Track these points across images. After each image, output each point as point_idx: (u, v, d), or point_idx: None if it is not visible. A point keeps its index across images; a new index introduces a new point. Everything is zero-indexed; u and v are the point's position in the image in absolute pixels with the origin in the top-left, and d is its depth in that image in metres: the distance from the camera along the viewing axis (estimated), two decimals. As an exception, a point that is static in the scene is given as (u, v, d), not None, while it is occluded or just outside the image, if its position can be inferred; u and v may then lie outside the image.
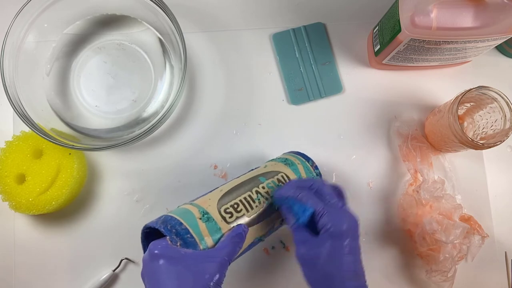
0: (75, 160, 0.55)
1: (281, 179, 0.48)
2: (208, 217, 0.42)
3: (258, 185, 0.47)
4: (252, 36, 0.63)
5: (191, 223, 0.41)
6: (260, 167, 0.50)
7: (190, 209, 0.43)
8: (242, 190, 0.46)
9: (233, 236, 0.41)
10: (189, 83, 0.62)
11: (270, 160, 0.53)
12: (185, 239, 0.40)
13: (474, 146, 0.51)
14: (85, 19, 0.61)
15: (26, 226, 0.58)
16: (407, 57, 0.55)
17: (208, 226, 0.41)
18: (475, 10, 0.47)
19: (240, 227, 0.42)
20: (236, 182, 0.47)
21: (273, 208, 0.46)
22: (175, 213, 0.42)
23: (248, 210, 0.44)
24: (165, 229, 0.40)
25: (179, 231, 0.40)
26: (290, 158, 0.51)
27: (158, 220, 0.41)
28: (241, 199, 0.45)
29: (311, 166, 0.51)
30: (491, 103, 0.52)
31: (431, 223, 0.53)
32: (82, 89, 0.61)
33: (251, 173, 0.49)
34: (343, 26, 0.63)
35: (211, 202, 0.44)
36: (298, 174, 0.49)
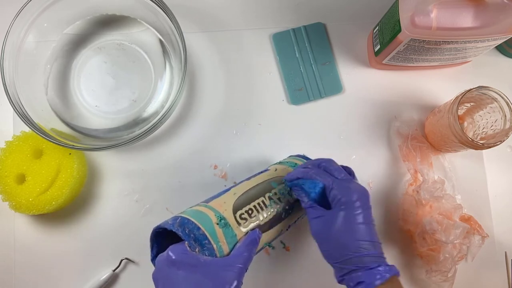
0: (75, 160, 0.55)
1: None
2: (225, 222, 0.41)
3: (271, 190, 0.46)
4: (252, 36, 0.63)
5: (208, 228, 0.40)
6: (270, 170, 0.50)
7: (207, 213, 0.42)
8: (255, 194, 0.45)
9: (249, 242, 0.41)
10: (189, 83, 0.62)
11: (278, 162, 0.53)
12: (203, 245, 0.39)
13: (474, 146, 0.51)
14: (85, 19, 0.61)
15: (26, 226, 0.58)
16: (407, 57, 0.55)
17: (225, 232, 0.41)
18: (475, 10, 0.47)
19: (255, 233, 0.42)
20: (249, 186, 0.47)
21: (283, 214, 0.46)
22: (191, 216, 0.41)
23: (261, 216, 0.44)
24: (183, 233, 0.39)
25: (197, 236, 0.39)
26: (299, 164, 0.51)
27: (174, 222, 0.40)
28: (255, 204, 0.44)
29: None
30: (491, 103, 0.52)
31: (431, 223, 0.53)
32: (82, 89, 0.61)
33: (262, 176, 0.49)
34: (343, 26, 0.63)
35: (227, 206, 0.43)
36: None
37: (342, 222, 0.41)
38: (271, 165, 0.52)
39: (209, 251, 0.39)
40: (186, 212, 0.43)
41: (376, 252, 0.41)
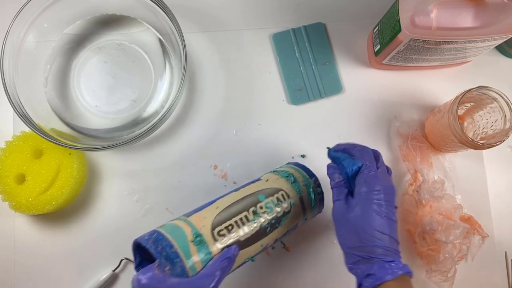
0: (75, 160, 0.55)
1: (281, 198, 0.46)
2: (200, 240, 0.40)
3: (256, 204, 0.45)
4: (252, 36, 0.63)
5: (182, 245, 0.39)
6: (261, 180, 0.49)
7: (183, 228, 0.41)
8: (239, 208, 0.44)
9: (222, 261, 0.40)
10: (189, 83, 0.62)
11: (272, 171, 0.51)
12: (174, 263, 0.38)
13: (474, 146, 0.51)
14: (85, 19, 0.61)
15: (26, 226, 0.58)
16: (407, 57, 0.55)
17: (199, 249, 0.40)
18: (475, 10, 0.47)
19: (230, 251, 0.41)
20: (234, 198, 0.45)
21: (267, 228, 0.45)
22: (167, 231, 0.41)
23: (242, 232, 0.43)
24: (155, 251, 0.39)
25: (169, 254, 0.38)
26: (294, 174, 0.49)
27: (150, 238, 0.40)
28: (237, 220, 0.43)
29: (314, 184, 0.49)
30: (491, 103, 0.52)
31: (431, 223, 0.53)
32: (82, 89, 0.61)
33: (250, 187, 0.47)
34: (343, 26, 0.63)
35: (206, 222, 0.42)
36: (299, 193, 0.48)
37: (362, 208, 0.40)
38: (264, 174, 0.51)
39: (180, 269, 0.38)
40: (165, 226, 0.42)
41: (392, 247, 0.40)
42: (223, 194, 0.47)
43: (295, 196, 0.47)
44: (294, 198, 0.47)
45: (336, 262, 0.57)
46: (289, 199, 0.47)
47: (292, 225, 0.48)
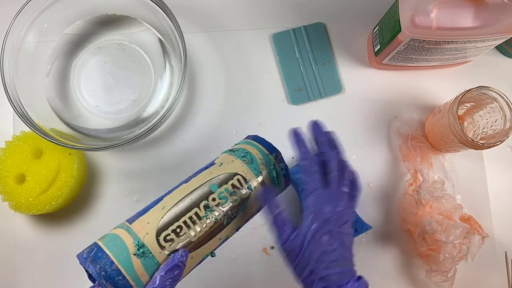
0: (75, 160, 0.55)
1: (237, 184, 0.41)
2: (144, 251, 0.36)
3: (208, 197, 0.40)
4: (252, 36, 0.63)
5: (124, 261, 0.35)
6: (214, 165, 0.43)
7: (125, 240, 0.37)
8: (187, 205, 0.39)
9: (168, 270, 0.36)
10: (189, 83, 0.62)
11: (228, 150, 0.46)
12: (116, 283, 0.35)
13: (474, 146, 0.51)
14: (85, 19, 0.61)
15: (26, 226, 0.58)
16: (407, 57, 0.55)
17: (144, 263, 0.36)
18: (475, 10, 0.47)
19: (176, 258, 0.36)
20: (182, 193, 0.40)
21: (224, 221, 0.40)
22: (107, 244, 0.37)
23: (194, 233, 0.38)
24: (94, 271, 0.35)
25: (109, 274, 0.35)
26: (251, 152, 0.44)
27: (88, 256, 0.36)
28: (186, 219, 0.38)
29: (275, 160, 0.45)
30: (491, 103, 0.52)
31: (431, 223, 0.53)
32: (82, 89, 0.61)
33: (201, 176, 0.42)
34: (343, 26, 0.63)
35: (150, 228, 0.38)
36: (258, 173, 0.43)
37: (312, 240, 0.39)
38: (221, 154, 0.46)
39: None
40: (106, 238, 0.38)
41: (346, 268, 0.39)
42: (172, 188, 0.42)
43: (253, 178, 0.42)
44: (253, 180, 0.42)
45: (336, 262, 0.57)
46: (247, 183, 0.42)
47: (255, 209, 0.44)
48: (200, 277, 0.56)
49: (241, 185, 0.41)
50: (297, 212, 0.58)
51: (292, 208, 0.58)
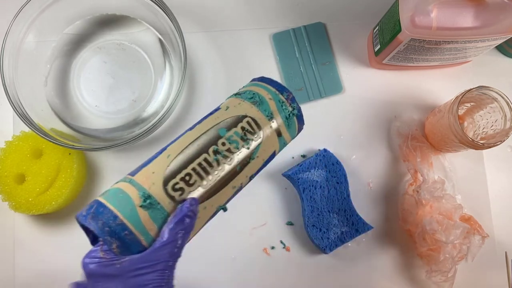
0: (75, 160, 0.55)
1: (247, 127, 0.38)
2: (151, 202, 0.33)
3: (217, 141, 0.37)
4: (252, 36, 0.63)
5: (129, 214, 0.32)
6: (220, 109, 0.40)
7: (128, 192, 0.34)
8: (195, 151, 0.36)
9: (177, 222, 0.33)
10: (189, 83, 0.62)
11: (233, 94, 0.43)
12: (123, 238, 0.32)
13: (474, 146, 0.51)
14: (85, 19, 0.61)
15: (26, 226, 0.58)
16: (407, 57, 0.55)
17: (152, 215, 0.33)
18: (475, 10, 0.47)
19: (185, 207, 0.33)
20: (187, 140, 0.37)
21: (237, 167, 0.37)
22: (109, 199, 0.34)
23: (204, 180, 0.35)
24: (96, 228, 0.32)
25: (114, 229, 0.32)
26: (259, 92, 0.41)
27: (88, 213, 0.33)
28: (195, 166, 0.35)
29: (286, 100, 0.41)
30: (491, 103, 0.52)
31: (431, 223, 0.53)
32: (82, 89, 0.61)
33: (207, 121, 0.39)
34: (343, 26, 0.63)
35: (156, 178, 0.34)
36: (269, 114, 0.39)
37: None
38: (226, 99, 0.43)
39: (132, 244, 0.32)
40: (107, 193, 0.35)
41: None
42: (176, 137, 0.39)
43: (264, 120, 0.39)
44: (264, 122, 0.39)
45: (336, 262, 0.57)
46: (258, 125, 0.39)
47: (269, 155, 0.41)
48: (200, 277, 0.56)
49: (252, 128, 0.38)
50: (297, 212, 0.58)
51: (292, 208, 0.58)
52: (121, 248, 0.32)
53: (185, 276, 0.54)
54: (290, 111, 0.41)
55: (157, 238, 0.33)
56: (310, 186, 0.56)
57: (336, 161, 0.57)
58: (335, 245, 0.55)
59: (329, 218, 0.56)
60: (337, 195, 0.56)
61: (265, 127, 0.39)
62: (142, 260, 0.32)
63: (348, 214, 0.56)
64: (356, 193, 0.58)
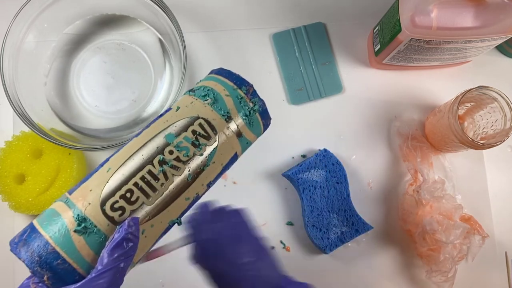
0: (75, 160, 0.55)
1: (199, 130, 0.34)
2: (86, 226, 0.30)
3: (164, 149, 0.32)
4: (252, 36, 0.63)
5: (61, 240, 0.29)
6: (170, 110, 0.36)
7: (62, 214, 0.30)
8: (138, 163, 0.32)
9: (115, 246, 0.29)
10: (189, 83, 0.62)
11: (188, 91, 0.38)
12: (55, 268, 0.28)
13: (474, 146, 0.51)
14: (85, 19, 0.61)
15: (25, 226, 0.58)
16: (407, 57, 0.55)
17: (88, 240, 0.29)
18: (475, 10, 0.47)
19: (123, 229, 0.29)
20: (132, 150, 0.33)
21: (189, 177, 0.33)
22: (42, 223, 0.31)
23: (149, 196, 0.31)
24: (25, 258, 0.29)
25: (45, 258, 0.29)
26: (214, 88, 0.36)
27: (20, 240, 0.30)
28: (137, 180, 0.31)
29: (246, 95, 0.37)
30: (491, 103, 0.52)
31: (431, 223, 0.53)
32: (82, 89, 0.60)
33: (155, 125, 0.35)
34: (343, 26, 0.63)
35: (92, 197, 0.31)
36: (225, 113, 0.35)
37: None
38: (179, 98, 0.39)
39: (67, 274, 0.29)
40: (41, 216, 0.32)
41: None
42: (121, 146, 0.35)
43: (219, 120, 0.35)
44: (219, 123, 0.35)
45: (336, 262, 0.57)
46: (212, 127, 0.35)
47: (229, 159, 0.36)
48: (199, 277, 0.56)
49: (205, 131, 0.34)
50: (297, 212, 0.58)
51: (292, 208, 0.58)
52: (53, 279, 0.29)
53: (184, 277, 0.54)
54: (251, 107, 0.37)
55: (95, 265, 0.29)
56: (310, 186, 0.56)
57: (336, 161, 0.57)
58: (335, 245, 0.55)
59: (329, 218, 0.56)
60: (337, 195, 0.56)
61: (221, 129, 0.35)
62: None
63: (348, 214, 0.56)
64: (356, 193, 0.58)
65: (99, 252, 0.30)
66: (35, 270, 0.29)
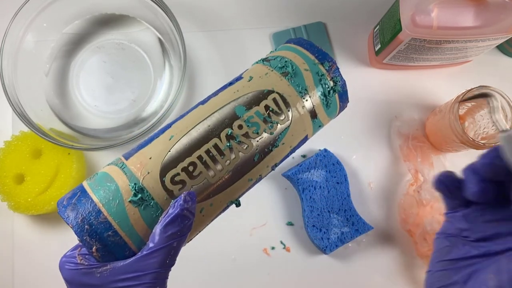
0: (74, 160, 0.55)
1: (272, 106, 0.30)
2: (143, 197, 0.27)
3: (232, 123, 0.29)
4: (252, 35, 0.63)
5: (115, 210, 0.26)
6: (242, 79, 0.32)
7: (117, 181, 0.27)
8: (204, 134, 0.29)
9: (169, 223, 0.26)
10: (189, 82, 0.62)
11: (261, 60, 0.35)
12: (105, 240, 0.26)
13: (475, 146, 0.51)
14: (84, 18, 0.61)
15: (25, 227, 0.58)
16: (408, 56, 0.55)
17: (144, 213, 0.27)
18: (476, 9, 0.46)
19: (178, 204, 0.26)
20: (197, 118, 0.30)
21: (255, 156, 0.30)
22: (94, 187, 0.28)
23: (213, 172, 0.28)
24: (74, 225, 0.27)
25: (95, 228, 0.26)
26: (293, 60, 0.32)
27: (69, 203, 0.27)
28: (201, 154, 0.28)
29: (328, 72, 0.32)
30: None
31: (432, 224, 0.53)
32: (81, 88, 0.60)
33: (225, 94, 0.31)
34: (344, 25, 0.63)
35: (152, 166, 0.28)
36: (303, 90, 0.31)
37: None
38: (250, 66, 0.35)
39: (118, 248, 0.26)
40: (94, 178, 0.29)
41: None
42: (186, 111, 0.31)
43: (295, 97, 0.31)
44: (295, 100, 0.31)
45: (336, 263, 0.57)
46: (286, 103, 0.31)
47: (299, 141, 0.33)
48: (199, 278, 0.56)
49: (279, 107, 0.30)
50: (297, 212, 0.58)
51: (292, 208, 0.58)
52: (102, 251, 0.27)
53: (184, 277, 0.54)
54: (331, 86, 0.32)
55: (147, 241, 0.27)
56: (310, 186, 0.56)
57: (336, 161, 0.57)
58: (335, 246, 0.55)
59: (329, 219, 0.56)
60: (337, 195, 0.56)
61: (296, 107, 0.31)
62: (126, 270, 0.26)
63: (348, 214, 0.56)
64: (356, 193, 0.58)
65: (153, 227, 0.27)
66: (83, 240, 0.26)
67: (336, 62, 0.33)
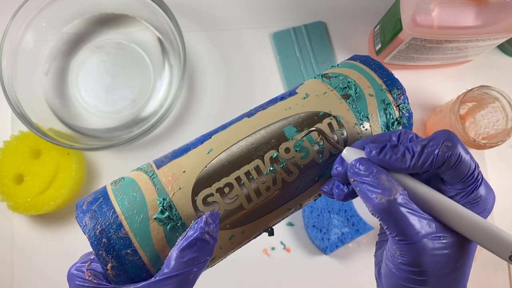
0: (74, 160, 0.55)
1: (327, 131, 0.26)
2: (170, 216, 0.24)
3: (279, 144, 0.25)
4: (252, 35, 0.63)
5: (138, 226, 0.23)
6: (296, 95, 0.28)
7: (144, 192, 0.24)
8: (246, 152, 0.25)
9: (186, 246, 0.23)
10: (189, 82, 0.61)
11: (319, 75, 0.30)
12: (123, 258, 0.23)
13: (476, 146, 0.51)
14: (83, 18, 0.61)
15: (24, 227, 0.58)
16: (408, 56, 0.55)
17: (168, 234, 0.24)
18: (476, 9, 0.46)
19: (198, 227, 0.23)
20: (240, 134, 0.26)
21: (298, 184, 0.26)
22: (118, 195, 0.25)
23: (250, 198, 0.25)
24: (91, 236, 0.24)
25: (113, 243, 0.23)
26: (358, 82, 0.28)
27: (89, 209, 0.24)
28: (240, 175, 0.25)
29: (394, 101, 0.28)
30: (493, 102, 0.52)
31: (432, 224, 0.53)
32: (81, 88, 0.60)
33: (275, 109, 0.27)
34: (344, 25, 0.63)
35: (185, 181, 0.25)
36: (363, 118, 0.27)
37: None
38: (305, 81, 0.30)
39: (134, 268, 0.23)
40: (119, 184, 0.26)
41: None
42: (228, 122, 0.28)
43: (353, 124, 0.27)
44: (351, 128, 0.27)
45: (336, 263, 0.57)
46: (342, 130, 0.26)
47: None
48: (199, 278, 0.56)
49: (333, 132, 0.26)
50: (297, 213, 0.58)
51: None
52: (118, 270, 0.24)
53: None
54: (396, 118, 0.28)
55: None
56: (311, 186, 0.56)
57: None
58: (336, 246, 0.55)
59: (329, 219, 0.55)
60: (337, 195, 0.56)
61: (351, 136, 0.27)
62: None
63: (349, 215, 0.56)
64: (356, 193, 0.58)
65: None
66: (99, 254, 0.23)
67: (405, 91, 0.30)
